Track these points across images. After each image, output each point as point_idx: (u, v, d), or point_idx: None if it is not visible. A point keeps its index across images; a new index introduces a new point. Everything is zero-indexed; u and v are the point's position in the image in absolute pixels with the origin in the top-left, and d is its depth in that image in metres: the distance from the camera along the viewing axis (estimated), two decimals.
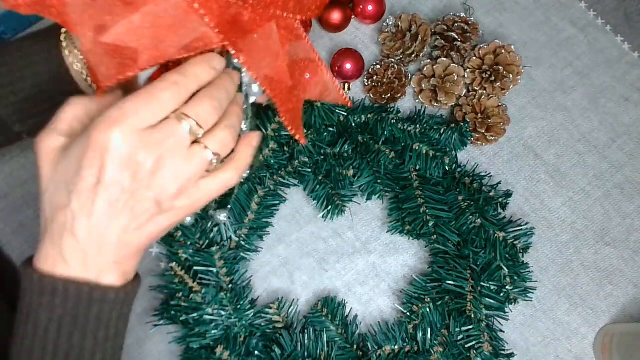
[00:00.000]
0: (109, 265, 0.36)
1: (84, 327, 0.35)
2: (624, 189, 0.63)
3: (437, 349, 0.54)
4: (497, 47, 0.64)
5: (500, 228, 0.58)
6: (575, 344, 0.58)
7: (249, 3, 0.39)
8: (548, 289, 0.60)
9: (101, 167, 0.33)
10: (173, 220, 0.38)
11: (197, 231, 0.57)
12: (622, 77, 0.68)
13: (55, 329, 0.35)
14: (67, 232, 0.34)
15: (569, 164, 0.64)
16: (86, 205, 0.34)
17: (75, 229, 0.34)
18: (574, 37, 0.69)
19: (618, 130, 0.66)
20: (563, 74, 0.68)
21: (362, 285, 0.59)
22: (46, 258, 0.35)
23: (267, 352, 0.54)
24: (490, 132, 0.62)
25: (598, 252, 0.61)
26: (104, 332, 0.36)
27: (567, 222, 0.62)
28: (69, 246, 0.35)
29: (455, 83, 0.64)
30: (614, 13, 0.70)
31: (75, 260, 0.35)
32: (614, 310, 0.59)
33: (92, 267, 0.35)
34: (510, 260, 0.57)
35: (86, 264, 0.35)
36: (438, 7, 0.70)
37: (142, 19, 0.37)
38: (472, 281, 0.56)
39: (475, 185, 0.60)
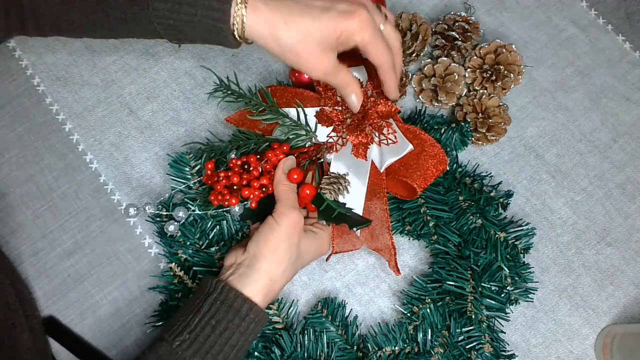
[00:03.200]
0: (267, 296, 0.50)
1: (244, 341, 0.47)
2: (625, 189, 0.63)
3: (438, 349, 0.54)
4: (498, 47, 0.64)
5: (501, 228, 0.58)
6: (576, 344, 0.58)
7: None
8: (549, 290, 0.59)
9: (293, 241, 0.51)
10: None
11: (196, 232, 0.57)
12: (623, 76, 0.67)
13: (227, 336, 0.46)
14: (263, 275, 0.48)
15: (570, 163, 0.64)
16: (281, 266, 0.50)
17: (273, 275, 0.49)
18: (575, 36, 0.69)
19: (619, 130, 0.65)
20: (564, 73, 0.67)
21: (362, 286, 0.59)
22: (261, 293, 0.48)
23: (266, 353, 0.54)
24: (491, 131, 0.62)
25: (599, 253, 0.61)
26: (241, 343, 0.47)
27: (568, 223, 0.62)
28: (263, 282, 0.48)
29: (455, 82, 0.63)
30: (615, 12, 0.70)
31: (267, 297, 0.49)
32: (615, 311, 0.59)
33: (261, 296, 0.48)
34: (511, 260, 0.57)
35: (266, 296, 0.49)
36: (438, 6, 0.70)
37: None
38: (472, 282, 0.56)
39: (476, 185, 0.60)
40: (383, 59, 0.51)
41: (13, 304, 0.51)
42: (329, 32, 0.47)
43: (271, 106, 0.56)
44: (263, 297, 0.48)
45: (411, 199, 0.57)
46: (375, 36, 0.48)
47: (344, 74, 0.51)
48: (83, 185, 0.61)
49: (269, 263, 0.48)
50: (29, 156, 0.62)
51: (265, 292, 0.48)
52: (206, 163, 0.55)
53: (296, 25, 0.46)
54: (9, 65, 0.65)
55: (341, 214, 0.53)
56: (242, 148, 0.57)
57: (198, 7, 0.46)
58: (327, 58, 0.49)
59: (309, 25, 0.47)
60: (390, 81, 0.53)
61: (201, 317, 0.45)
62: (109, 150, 0.63)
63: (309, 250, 0.52)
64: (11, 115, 0.63)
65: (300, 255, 0.51)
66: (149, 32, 0.50)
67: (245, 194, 0.53)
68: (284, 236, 0.49)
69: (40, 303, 0.57)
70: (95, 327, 0.57)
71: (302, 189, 0.53)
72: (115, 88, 0.65)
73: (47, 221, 0.60)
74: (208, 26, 0.48)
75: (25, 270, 0.58)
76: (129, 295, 0.58)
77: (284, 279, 0.50)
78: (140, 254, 0.59)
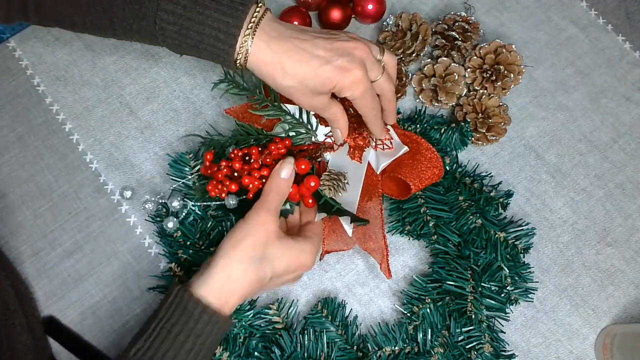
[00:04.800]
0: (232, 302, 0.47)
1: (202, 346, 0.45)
2: (625, 189, 0.63)
3: (438, 349, 0.54)
4: (498, 47, 0.64)
5: (501, 228, 0.58)
6: (576, 344, 0.58)
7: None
8: (549, 290, 0.59)
9: (295, 276, 0.51)
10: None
11: (196, 232, 0.57)
12: (623, 76, 0.67)
13: (191, 343, 0.44)
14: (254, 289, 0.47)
15: (570, 164, 0.64)
16: (265, 285, 0.48)
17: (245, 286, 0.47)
18: (575, 36, 0.69)
19: (619, 130, 0.65)
20: (564, 73, 0.67)
21: (362, 286, 0.59)
22: (224, 300, 0.46)
23: (266, 353, 0.54)
24: (491, 131, 0.62)
25: (599, 253, 0.61)
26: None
27: (568, 223, 0.62)
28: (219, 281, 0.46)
29: (455, 82, 0.63)
30: (615, 12, 0.70)
31: (235, 304, 0.47)
32: (615, 311, 0.59)
33: (233, 309, 0.47)
34: (511, 260, 0.57)
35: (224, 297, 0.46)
36: (438, 6, 0.70)
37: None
38: (472, 282, 0.56)
39: (476, 185, 0.60)
40: (368, 113, 0.53)
41: (13, 304, 0.51)
42: (323, 84, 0.49)
43: (274, 102, 0.56)
44: (218, 297, 0.45)
45: (405, 197, 0.57)
46: (363, 95, 0.50)
47: (334, 109, 0.52)
48: (83, 185, 0.61)
49: (227, 259, 0.46)
50: (29, 156, 0.62)
51: (221, 291, 0.45)
52: (205, 154, 0.54)
53: (293, 72, 0.48)
54: (9, 65, 0.65)
55: (340, 209, 0.53)
56: (242, 143, 0.56)
57: (205, 35, 0.48)
58: (318, 99, 0.51)
59: (305, 74, 0.48)
60: (375, 129, 0.55)
61: (157, 322, 0.44)
62: (109, 150, 0.63)
63: (282, 258, 0.48)
64: (11, 115, 0.63)
65: (268, 258, 0.47)
66: (152, 43, 0.51)
67: (245, 182, 0.52)
68: (247, 232, 0.47)
69: (40, 303, 0.57)
70: (95, 327, 0.57)
71: (307, 180, 0.52)
72: (115, 88, 0.65)
73: (47, 221, 0.60)
74: (212, 54, 0.49)
75: (25, 270, 0.58)
76: (129, 295, 0.58)
77: (246, 280, 0.46)
78: (140, 254, 0.59)
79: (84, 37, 0.67)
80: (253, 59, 0.49)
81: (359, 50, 0.49)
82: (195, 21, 0.47)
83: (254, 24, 0.48)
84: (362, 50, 0.49)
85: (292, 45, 0.48)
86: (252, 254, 0.46)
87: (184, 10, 0.47)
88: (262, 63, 0.49)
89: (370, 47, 0.51)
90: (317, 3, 0.67)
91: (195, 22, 0.47)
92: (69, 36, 0.67)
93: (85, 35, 0.67)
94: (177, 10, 0.47)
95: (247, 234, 0.47)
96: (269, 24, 0.49)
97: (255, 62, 0.49)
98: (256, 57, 0.48)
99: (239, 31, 0.48)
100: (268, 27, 0.48)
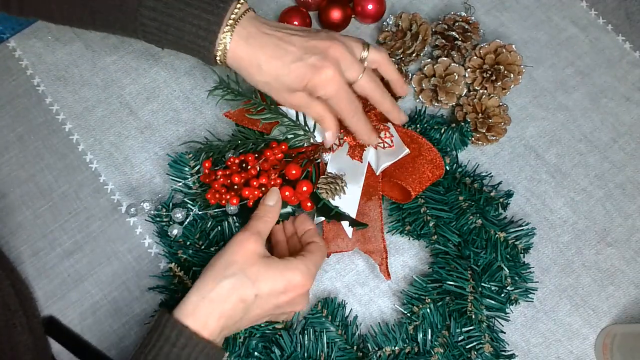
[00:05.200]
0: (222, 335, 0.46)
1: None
2: (625, 189, 0.63)
3: (438, 349, 0.54)
4: (498, 47, 0.64)
5: (501, 228, 0.58)
6: (576, 344, 0.58)
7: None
8: (549, 290, 0.59)
9: (287, 299, 0.48)
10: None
11: (196, 232, 0.57)
12: (623, 76, 0.67)
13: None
14: (236, 319, 0.46)
15: (570, 164, 0.64)
16: (261, 314, 0.47)
17: (242, 323, 0.47)
18: (575, 36, 0.69)
19: (619, 130, 0.65)
20: (564, 73, 0.67)
21: (362, 286, 0.59)
22: (202, 325, 0.44)
23: (266, 353, 0.54)
24: (491, 131, 0.62)
25: (599, 253, 0.61)
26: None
27: (568, 223, 0.62)
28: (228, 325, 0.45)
29: (455, 82, 0.63)
30: (615, 12, 0.70)
31: (221, 333, 0.45)
32: (616, 311, 0.59)
33: (217, 332, 0.45)
34: (511, 260, 0.57)
35: (222, 332, 0.46)
36: (438, 6, 0.70)
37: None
38: (472, 282, 0.56)
39: (476, 185, 0.60)
40: (344, 115, 0.52)
41: (13, 304, 0.51)
42: (295, 81, 0.49)
43: (270, 105, 0.56)
44: (194, 318, 0.44)
45: (406, 201, 0.57)
46: (337, 95, 0.50)
47: (317, 108, 0.52)
48: (83, 185, 0.61)
49: (201, 279, 0.45)
50: (29, 156, 0.62)
51: (197, 312, 0.44)
52: (204, 162, 0.55)
53: (267, 67, 0.49)
54: (9, 65, 0.65)
55: (339, 212, 0.53)
56: (240, 147, 0.57)
57: (186, 32, 0.49)
58: (297, 97, 0.51)
59: (278, 70, 0.49)
60: (358, 132, 0.54)
61: (140, 350, 0.44)
62: (109, 150, 0.63)
63: (265, 276, 0.46)
64: (11, 115, 0.63)
65: (249, 277, 0.45)
66: (132, 36, 0.52)
67: (245, 194, 0.53)
68: (223, 252, 0.47)
69: (40, 303, 0.57)
70: (95, 327, 0.57)
71: (299, 186, 0.53)
72: (115, 88, 0.65)
73: (47, 221, 0.60)
74: (192, 50, 0.50)
75: (25, 270, 0.58)
76: (129, 295, 0.58)
77: (223, 299, 0.44)
78: (140, 254, 0.59)
79: (84, 37, 0.67)
80: (232, 55, 0.49)
81: (334, 49, 0.49)
82: (176, 17, 0.48)
83: (234, 21, 0.49)
84: (337, 50, 0.49)
85: (269, 42, 0.49)
86: (225, 272, 0.45)
87: (165, 6, 0.48)
88: (240, 59, 0.50)
89: (349, 46, 0.50)
90: (317, 3, 0.67)
91: (176, 19, 0.48)
92: (69, 36, 0.67)
93: (85, 35, 0.67)
94: (158, 6, 0.48)
95: (222, 254, 0.47)
96: (250, 22, 0.49)
97: (234, 59, 0.50)
98: (234, 54, 0.49)
99: (219, 28, 0.48)
100: (248, 24, 0.49)
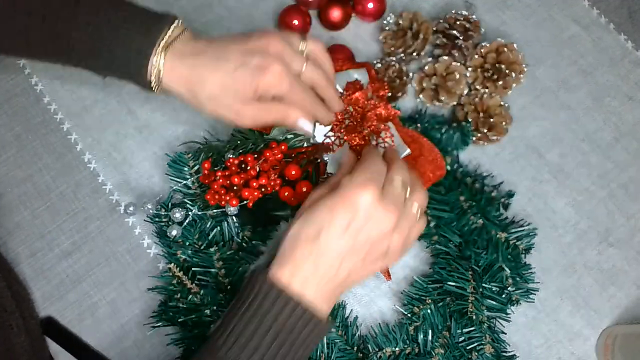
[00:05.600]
0: (328, 298, 0.44)
1: (294, 341, 0.42)
2: (628, 189, 0.63)
3: (438, 350, 0.54)
4: (500, 46, 0.64)
5: (502, 228, 0.57)
6: (578, 346, 0.58)
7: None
8: (551, 290, 0.59)
9: (352, 217, 0.42)
10: (389, 264, 0.47)
11: (195, 232, 0.56)
12: (626, 75, 0.67)
13: (273, 334, 0.41)
14: (311, 260, 0.42)
15: (573, 163, 0.64)
16: (331, 243, 0.43)
17: (319, 261, 0.43)
18: (577, 35, 0.68)
19: (622, 130, 0.65)
20: (566, 72, 0.67)
21: (363, 287, 0.59)
22: (286, 275, 0.43)
23: None
24: (492, 131, 0.62)
25: (601, 253, 0.60)
26: (300, 352, 0.43)
27: (570, 223, 0.61)
28: (309, 272, 0.42)
29: (457, 82, 0.63)
30: (618, 11, 0.70)
31: (310, 287, 0.43)
32: (617, 312, 0.59)
33: (319, 295, 0.43)
34: (513, 261, 0.57)
35: (317, 292, 0.43)
36: (439, 4, 0.69)
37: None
38: (473, 282, 0.55)
39: (477, 185, 0.59)
40: (301, 105, 0.50)
41: (9, 305, 0.50)
42: (244, 88, 0.47)
43: None
44: (282, 270, 0.43)
45: None
46: (291, 87, 0.48)
47: (275, 108, 0.49)
48: (81, 185, 0.61)
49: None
50: (26, 156, 0.62)
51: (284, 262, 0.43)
52: (203, 163, 0.55)
53: (210, 81, 0.47)
54: (6, 63, 0.65)
55: None
56: (240, 147, 0.56)
57: (117, 56, 0.47)
58: (249, 108, 0.48)
59: (223, 80, 0.47)
60: (320, 116, 0.53)
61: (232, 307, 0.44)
62: (108, 149, 0.62)
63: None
64: (9, 114, 0.63)
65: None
66: (69, 64, 0.50)
67: (245, 195, 0.53)
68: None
69: (38, 304, 0.57)
70: (93, 328, 0.56)
71: (299, 186, 0.53)
72: (114, 87, 0.65)
73: (45, 221, 0.59)
74: (125, 74, 0.49)
75: (23, 271, 0.58)
76: (128, 296, 0.57)
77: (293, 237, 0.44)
78: (139, 255, 0.59)
79: None
80: (167, 78, 0.47)
81: (273, 45, 0.47)
82: (107, 40, 0.47)
83: (166, 43, 0.47)
84: (277, 45, 0.48)
85: (206, 57, 0.47)
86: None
87: (96, 30, 0.47)
88: (178, 80, 0.47)
89: (286, 39, 0.49)
90: (317, 2, 0.67)
91: (107, 42, 0.47)
92: None
93: None
94: (89, 29, 0.47)
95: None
96: (184, 43, 0.48)
97: (171, 81, 0.48)
98: (170, 76, 0.47)
99: (151, 50, 0.46)
100: (182, 45, 0.47)
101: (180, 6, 0.68)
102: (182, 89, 0.48)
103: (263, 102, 0.49)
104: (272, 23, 0.68)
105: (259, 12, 0.68)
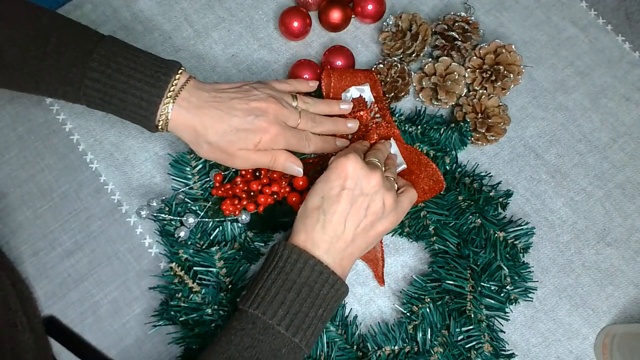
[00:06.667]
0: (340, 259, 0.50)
1: (315, 297, 0.48)
2: (625, 189, 0.63)
3: (437, 349, 0.54)
4: (498, 47, 0.64)
5: (500, 228, 0.58)
6: (576, 344, 0.58)
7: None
8: (549, 290, 0.59)
9: (344, 181, 0.50)
10: (386, 228, 0.52)
11: (197, 231, 0.57)
12: (623, 76, 0.67)
13: (296, 290, 0.47)
14: (319, 224, 0.49)
15: (570, 164, 0.64)
16: (332, 206, 0.49)
17: (326, 224, 0.49)
18: (574, 36, 0.69)
19: (619, 130, 0.65)
20: (564, 73, 0.67)
21: (362, 286, 0.59)
22: (301, 239, 0.50)
23: None
24: (490, 131, 0.62)
25: (599, 253, 0.61)
26: (321, 310, 0.48)
27: (568, 222, 0.62)
28: (319, 234, 0.49)
29: (456, 82, 0.63)
30: (615, 13, 0.70)
31: (321, 247, 0.49)
32: (615, 311, 0.59)
33: (331, 255, 0.49)
34: (511, 260, 0.57)
35: (328, 251, 0.49)
36: (438, 6, 0.70)
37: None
38: (472, 281, 0.56)
39: (476, 185, 0.60)
40: (303, 151, 0.56)
41: (14, 304, 0.51)
42: (246, 143, 0.53)
43: None
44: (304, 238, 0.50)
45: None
46: (287, 142, 0.54)
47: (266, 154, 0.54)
48: (83, 185, 0.61)
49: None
50: (29, 156, 0.62)
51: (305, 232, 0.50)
52: (215, 175, 0.57)
53: (214, 131, 0.52)
54: None
55: None
56: None
57: (128, 103, 0.51)
58: (243, 153, 0.54)
59: (226, 133, 0.52)
60: (321, 149, 0.58)
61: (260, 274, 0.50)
62: (109, 150, 0.63)
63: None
64: (11, 115, 0.63)
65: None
66: (76, 102, 0.54)
67: (260, 201, 0.56)
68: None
69: (40, 303, 0.57)
70: (95, 327, 0.57)
71: (306, 194, 0.54)
72: None
73: (47, 221, 0.60)
74: (134, 119, 0.53)
75: (25, 270, 0.58)
76: (129, 295, 0.58)
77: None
78: (140, 254, 0.59)
79: None
80: (174, 123, 0.52)
81: (272, 108, 0.53)
82: (119, 89, 0.51)
83: (174, 93, 0.52)
84: (275, 108, 0.53)
85: (211, 109, 0.52)
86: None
87: (109, 79, 0.50)
88: (183, 126, 0.52)
89: (282, 100, 0.55)
90: (317, 3, 0.67)
91: (119, 90, 0.51)
92: None
93: None
94: (102, 79, 0.50)
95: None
96: (190, 91, 0.52)
97: (176, 126, 0.53)
98: (176, 122, 0.52)
99: (160, 100, 0.51)
100: (188, 94, 0.52)
101: (181, 8, 0.68)
102: (185, 133, 0.53)
103: (257, 151, 0.54)
104: (272, 24, 0.68)
105: (259, 14, 0.69)
